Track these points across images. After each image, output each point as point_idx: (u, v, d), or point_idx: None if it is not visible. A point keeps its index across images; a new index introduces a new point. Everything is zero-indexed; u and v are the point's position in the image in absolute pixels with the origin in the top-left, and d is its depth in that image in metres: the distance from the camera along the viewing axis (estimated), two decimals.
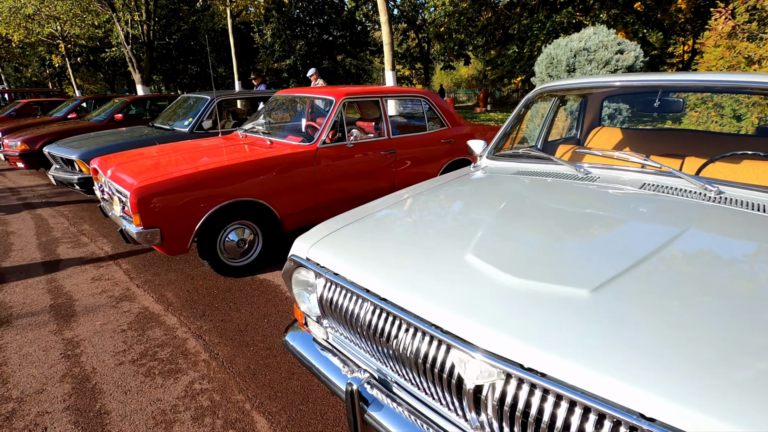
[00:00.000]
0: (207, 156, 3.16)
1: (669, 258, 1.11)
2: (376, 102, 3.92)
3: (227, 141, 3.71)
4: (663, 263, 1.08)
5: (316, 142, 3.38)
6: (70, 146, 4.82)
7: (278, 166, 3.12)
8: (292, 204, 3.25)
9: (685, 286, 0.98)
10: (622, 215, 1.39)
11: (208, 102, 5.45)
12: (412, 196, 1.81)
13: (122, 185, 2.76)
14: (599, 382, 0.77)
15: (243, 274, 3.16)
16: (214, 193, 2.82)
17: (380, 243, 1.35)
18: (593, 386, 0.78)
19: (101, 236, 4.08)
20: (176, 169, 2.83)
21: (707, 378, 0.74)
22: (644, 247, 1.15)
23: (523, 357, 0.86)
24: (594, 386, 0.78)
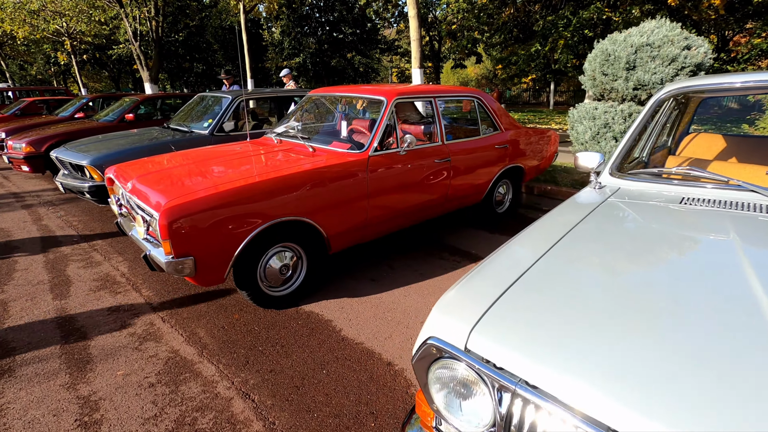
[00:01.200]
0: (244, 166, 2.69)
1: None
2: (428, 103, 3.44)
3: (261, 147, 3.25)
4: None
5: (368, 149, 2.91)
6: (79, 150, 4.37)
7: (327, 179, 2.65)
8: (341, 222, 2.78)
9: None
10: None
11: (230, 101, 4.99)
12: (552, 241, 1.32)
13: (148, 203, 2.30)
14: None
15: (285, 304, 2.70)
16: (258, 213, 2.35)
17: (577, 329, 0.88)
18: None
19: (116, 253, 3.63)
20: (211, 182, 2.36)
21: None
22: None
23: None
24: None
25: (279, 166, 2.63)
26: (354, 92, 3.39)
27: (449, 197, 3.60)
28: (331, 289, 2.91)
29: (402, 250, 3.57)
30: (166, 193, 2.23)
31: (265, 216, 2.38)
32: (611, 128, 4.84)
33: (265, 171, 2.53)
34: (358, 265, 3.27)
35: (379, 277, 3.09)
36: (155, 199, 2.25)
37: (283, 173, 2.50)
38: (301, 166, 2.64)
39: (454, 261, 3.35)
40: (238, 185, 2.32)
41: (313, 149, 3.02)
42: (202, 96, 5.68)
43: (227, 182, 2.35)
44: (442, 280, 3.03)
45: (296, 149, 3.10)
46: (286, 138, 3.39)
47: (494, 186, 4.05)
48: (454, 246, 3.67)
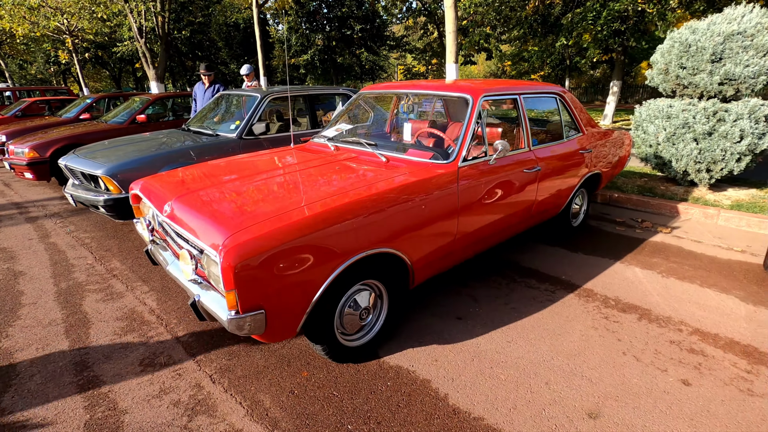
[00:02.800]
0: (311, 183, 2.14)
1: None
2: (513, 101, 2.89)
3: (318, 157, 2.69)
4: None
5: (456, 158, 2.36)
6: (92, 158, 3.81)
7: (416, 197, 2.10)
8: (428, 248, 2.23)
9: None
10: None
11: (259, 101, 4.43)
12: None
13: (197, 234, 1.75)
14: None
15: (364, 356, 2.15)
16: (342, 246, 1.80)
17: None
18: None
19: (139, 280, 3.08)
20: (278, 207, 1.81)
21: None
22: None
23: None
24: None
25: (357, 183, 2.07)
26: (426, 89, 2.83)
27: (533, 212, 3.05)
28: (412, 332, 2.36)
29: (476, 275, 3.02)
30: (225, 224, 1.68)
31: (349, 249, 1.83)
32: (692, 128, 4.28)
33: (342, 190, 1.98)
34: (434, 298, 2.72)
35: (466, 313, 2.54)
36: (209, 230, 1.69)
37: (368, 193, 1.95)
38: (385, 182, 2.09)
39: (546, 291, 2.80)
40: (317, 211, 1.76)
41: (386, 159, 2.47)
42: (225, 95, 5.12)
43: (298, 206, 1.80)
44: (543, 318, 2.48)
45: (363, 159, 2.54)
46: (344, 144, 2.83)
47: (573, 196, 3.50)
48: (536, 269, 3.12)
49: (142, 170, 3.64)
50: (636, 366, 2.05)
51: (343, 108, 3.40)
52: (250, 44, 23.48)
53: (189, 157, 3.88)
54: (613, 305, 2.61)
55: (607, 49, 12.05)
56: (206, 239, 1.68)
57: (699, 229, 3.89)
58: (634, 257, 3.30)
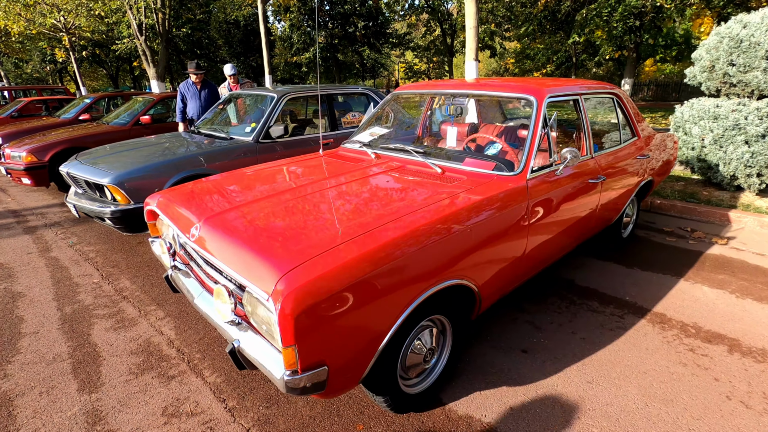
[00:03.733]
0: (363, 202, 1.82)
1: None
2: (574, 102, 2.57)
3: (358, 166, 2.37)
4: None
5: (524, 169, 2.04)
6: (96, 164, 3.48)
7: (486, 217, 1.78)
8: (497, 273, 1.92)
9: None
10: None
11: (276, 101, 4.11)
12: None
13: (240, 269, 1.42)
14: None
15: (427, 404, 1.83)
16: (412, 281, 1.48)
17: None
18: None
19: (153, 303, 2.76)
20: (333, 235, 1.49)
21: None
22: None
23: None
24: None
25: (418, 202, 1.75)
26: (477, 89, 2.50)
27: (593, 225, 2.75)
28: (474, 369, 2.05)
29: (530, 297, 2.71)
30: (275, 259, 1.35)
31: (419, 285, 1.51)
32: (743, 130, 3.98)
33: (403, 211, 1.66)
34: (489, 326, 2.41)
35: (530, 345, 2.23)
36: (255, 265, 1.37)
37: (437, 215, 1.63)
38: (451, 200, 1.77)
39: (613, 316, 2.49)
40: (382, 241, 1.44)
41: (441, 171, 2.15)
42: (236, 94, 4.79)
43: (358, 234, 1.48)
44: (619, 350, 2.17)
45: (414, 170, 2.23)
46: (385, 151, 2.51)
47: (626, 206, 3.19)
48: (594, 289, 2.81)
49: (152, 178, 3.32)
50: (748, 415, 1.75)
51: (375, 109, 3.08)
52: (250, 42, 23.09)
53: (201, 163, 3.55)
54: (694, 334, 2.30)
55: (620, 46, 11.75)
56: (251, 276, 1.36)
57: (756, 239, 3.59)
58: (697, 273, 3.00)
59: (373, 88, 5.15)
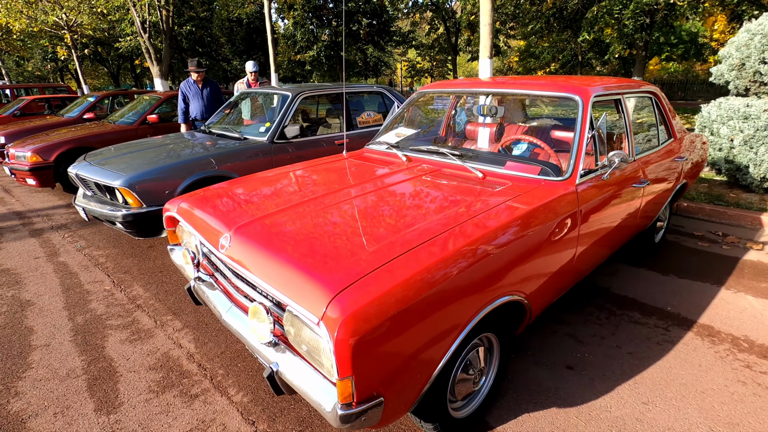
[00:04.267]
0: (402, 209, 1.68)
1: None
2: (615, 101, 2.43)
3: (390, 170, 2.23)
4: None
5: (573, 174, 1.90)
6: (106, 166, 3.35)
7: (539, 226, 1.65)
8: (547, 285, 1.79)
9: None
10: None
11: (291, 99, 3.96)
12: None
13: (280, 285, 1.29)
14: None
15: (475, 428, 1.70)
16: (469, 301, 1.35)
17: None
18: None
19: (169, 312, 2.62)
20: (381, 249, 1.35)
21: None
22: None
23: None
24: None
25: (465, 211, 1.61)
26: (513, 87, 2.36)
27: (632, 231, 2.61)
28: (519, 388, 1.91)
29: (567, 307, 2.58)
30: (323, 277, 1.22)
31: (476, 303, 1.38)
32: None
33: (452, 222, 1.52)
34: (528, 340, 2.27)
35: (575, 361, 2.09)
36: (299, 283, 1.23)
37: (490, 225, 1.50)
38: (501, 209, 1.63)
39: (658, 328, 2.35)
40: (436, 258, 1.30)
41: (482, 175, 2.01)
42: (247, 92, 4.65)
43: (407, 249, 1.34)
44: (671, 367, 2.04)
45: (451, 174, 2.09)
46: (416, 153, 2.38)
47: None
48: (633, 298, 2.67)
49: (166, 180, 3.18)
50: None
51: (399, 109, 2.94)
52: (253, 40, 22.93)
53: (214, 164, 3.41)
54: (748, 348, 2.17)
55: (630, 44, 11.59)
56: (294, 295, 1.23)
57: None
58: (737, 281, 2.86)
59: (388, 87, 5.02)
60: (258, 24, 22.36)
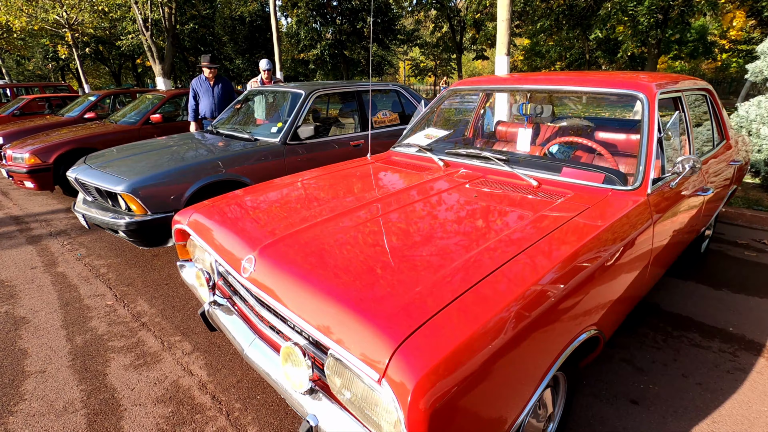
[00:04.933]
0: (454, 226, 1.44)
1: None
2: (674, 100, 2.18)
3: (429, 178, 1.98)
4: None
5: (644, 182, 1.66)
6: (108, 169, 3.10)
7: (618, 244, 1.40)
8: (621, 311, 1.55)
9: None
10: None
11: (304, 98, 3.72)
12: None
13: (322, 325, 1.05)
14: None
15: None
16: (551, 342, 1.11)
17: None
18: None
19: (177, 331, 2.38)
20: (439, 276, 1.11)
21: None
22: None
23: None
24: None
25: (533, 231, 1.37)
26: (563, 84, 2.10)
27: (690, 242, 2.37)
28: (583, 427, 1.67)
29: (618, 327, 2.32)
30: (380, 316, 0.97)
31: (558, 345, 1.14)
32: None
33: (521, 244, 1.27)
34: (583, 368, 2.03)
35: (639, 393, 1.85)
36: (349, 325, 0.99)
37: (568, 249, 1.25)
38: (574, 226, 1.39)
39: (724, 353, 2.10)
40: (520, 290, 1.06)
41: (537, 183, 1.77)
42: (257, 91, 4.41)
43: (472, 279, 1.10)
44: (749, 401, 1.79)
45: (500, 181, 1.85)
46: (453, 158, 2.13)
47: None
48: (687, 316, 2.42)
49: (172, 184, 2.95)
50: None
51: (427, 108, 2.69)
52: (256, 39, 22.67)
53: (223, 167, 3.17)
54: None
55: (644, 42, 11.32)
56: (343, 339, 0.98)
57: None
58: None
59: (404, 85, 4.77)
60: (260, 22, 22.12)
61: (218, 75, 4.96)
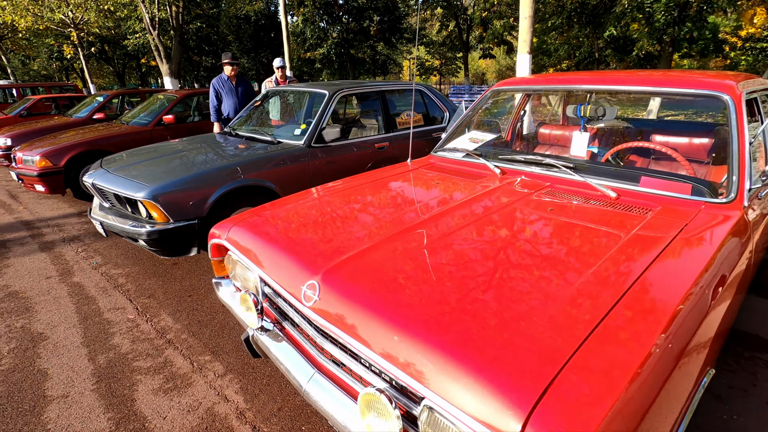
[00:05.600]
0: (541, 247, 1.27)
1: None
2: (750, 102, 2.00)
3: (489, 188, 1.81)
4: None
5: (739, 194, 1.48)
6: (127, 175, 2.94)
7: (727, 267, 1.23)
8: (721, 339, 1.37)
9: None
10: None
11: (329, 98, 3.55)
12: None
13: (422, 375, 0.88)
14: None
15: None
16: (679, 392, 0.94)
17: None
18: None
19: (207, 350, 2.22)
20: (549, 313, 0.94)
21: None
22: None
23: None
24: None
25: (635, 256, 1.20)
26: (638, 84, 1.92)
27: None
28: None
29: None
30: (499, 372, 0.81)
31: (686, 393, 0.97)
32: None
33: (633, 270, 1.10)
34: None
35: (721, 424, 1.67)
36: (458, 378, 0.83)
37: (687, 277, 1.08)
38: (687, 248, 1.22)
39: None
40: (652, 335, 0.89)
41: (615, 194, 1.59)
42: (275, 91, 4.25)
43: (590, 315, 0.93)
44: None
45: (571, 191, 1.67)
46: (508, 164, 1.96)
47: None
48: (756, 334, 2.25)
49: (196, 190, 2.79)
50: None
51: (468, 110, 2.52)
52: (261, 38, 22.53)
53: (245, 171, 3.00)
54: None
55: (659, 40, 11.10)
56: (448, 392, 0.82)
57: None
58: None
59: (428, 85, 4.60)
60: (266, 22, 21.97)
61: (239, 75, 4.81)
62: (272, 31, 22.07)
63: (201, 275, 3.09)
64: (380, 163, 3.87)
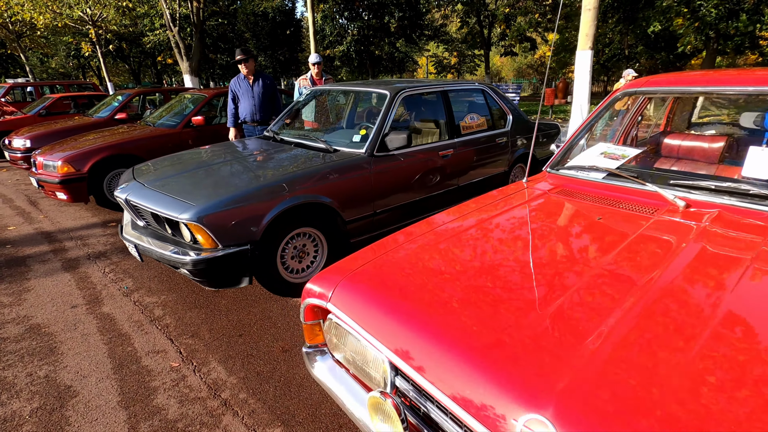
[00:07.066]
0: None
1: None
2: None
3: (652, 220, 1.32)
4: None
5: None
6: (168, 191, 2.50)
7: None
8: None
9: None
10: None
11: (390, 99, 3.09)
12: None
13: None
14: None
15: None
16: None
17: None
18: None
19: (272, 416, 1.76)
20: None
21: None
22: None
23: None
24: None
25: None
26: None
27: None
28: None
29: None
30: None
31: None
32: None
33: None
34: None
35: None
36: None
37: None
38: None
39: None
40: None
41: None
42: (320, 90, 3.79)
43: None
44: None
45: (729, 222, 1.18)
46: (685, 192, 1.46)
47: None
48: None
49: (245, 209, 2.34)
50: None
51: (592, 116, 2.02)
52: (278, 35, 22.17)
53: (305, 185, 2.54)
54: None
55: (707, 36, 10.43)
56: None
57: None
58: None
59: (488, 84, 4.10)
60: (283, 18, 21.60)
61: (258, 71, 4.35)
62: (289, 27, 21.70)
63: (249, 307, 2.65)
64: (447, 176, 3.40)
